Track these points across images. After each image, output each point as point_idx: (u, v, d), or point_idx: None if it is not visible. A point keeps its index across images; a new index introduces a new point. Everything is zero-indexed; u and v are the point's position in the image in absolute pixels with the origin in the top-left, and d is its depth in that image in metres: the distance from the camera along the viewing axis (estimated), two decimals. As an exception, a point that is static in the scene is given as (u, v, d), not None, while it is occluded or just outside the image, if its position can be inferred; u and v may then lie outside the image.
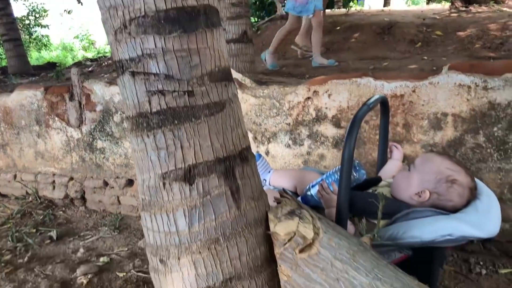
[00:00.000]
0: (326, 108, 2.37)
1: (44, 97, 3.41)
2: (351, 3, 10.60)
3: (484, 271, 2.01)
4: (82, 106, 3.29)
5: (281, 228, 1.33)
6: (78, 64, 8.94)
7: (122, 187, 3.25)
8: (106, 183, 3.34)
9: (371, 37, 5.48)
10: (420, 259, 1.62)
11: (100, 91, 3.16)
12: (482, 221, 1.50)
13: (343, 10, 8.44)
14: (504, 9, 6.68)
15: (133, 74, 1.23)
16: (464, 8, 6.76)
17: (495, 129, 2.03)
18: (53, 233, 2.97)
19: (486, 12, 6.34)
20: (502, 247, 2.12)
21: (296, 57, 5.75)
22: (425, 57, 4.58)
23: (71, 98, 3.31)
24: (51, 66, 9.59)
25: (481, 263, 2.08)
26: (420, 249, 1.57)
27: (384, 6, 12.21)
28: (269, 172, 2.12)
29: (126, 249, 2.68)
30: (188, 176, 1.26)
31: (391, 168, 1.98)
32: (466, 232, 1.46)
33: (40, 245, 2.83)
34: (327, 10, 7.93)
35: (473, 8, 6.73)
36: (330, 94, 2.34)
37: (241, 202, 1.31)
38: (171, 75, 1.21)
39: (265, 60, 5.14)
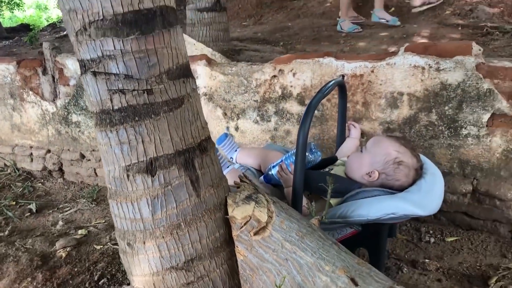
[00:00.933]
0: (291, 86, 2.46)
1: (17, 71, 3.42)
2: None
3: (432, 240, 2.20)
4: (55, 80, 3.32)
5: (238, 213, 1.45)
6: (52, 25, 8.74)
7: (98, 160, 3.34)
8: (82, 156, 3.42)
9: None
10: (370, 233, 1.78)
11: (73, 66, 3.18)
12: (423, 200, 1.64)
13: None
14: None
15: (94, 73, 1.31)
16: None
17: (446, 108, 2.16)
18: (33, 206, 3.07)
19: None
20: (450, 216, 2.30)
21: (273, 22, 5.75)
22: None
23: (44, 72, 3.34)
24: (24, 28, 9.35)
25: (431, 231, 2.26)
26: (369, 224, 1.72)
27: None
28: (236, 150, 2.24)
29: (103, 221, 2.81)
30: (150, 168, 1.36)
31: (349, 146, 2.11)
32: (408, 210, 1.61)
33: (20, 218, 2.93)
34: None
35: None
36: (295, 73, 2.43)
37: (200, 190, 1.43)
38: (131, 75, 1.29)
39: (341, 29, 4.71)
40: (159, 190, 1.37)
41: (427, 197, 1.66)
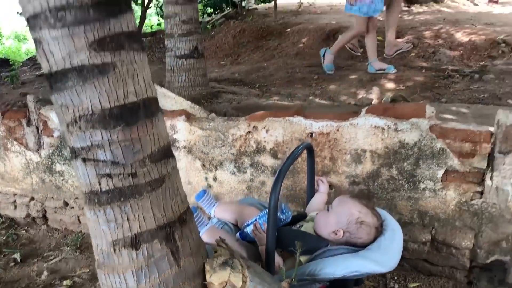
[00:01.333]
0: (265, 141, 2.66)
1: (1, 122, 3.53)
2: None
3: (397, 286, 2.38)
4: (39, 131, 3.44)
5: (215, 278, 1.61)
6: (33, 60, 8.83)
7: (82, 207, 3.45)
8: (66, 204, 3.53)
9: (317, 42, 5.75)
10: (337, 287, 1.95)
11: (57, 118, 3.31)
12: (383, 258, 1.83)
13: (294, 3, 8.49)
14: (443, 9, 7.12)
15: (84, 160, 1.47)
16: (406, 8, 7.14)
17: (405, 164, 2.37)
18: (17, 255, 3.14)
19: (425, 14, 6.74)
20: (413, 263, 2.49)
21: (250, 62, 5.98)
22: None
23: (29, 124, 3.46)
24: (4, 63, 9.39)
25: (395, 277, 2.45)
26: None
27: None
28: (214, 205, 2.40)
29: (88, 270, 2.91)
30: (135, 242, 1.51)
31: (318, 201, 2.30)
32: (370, 268, 1.79)
33: (4, 268, 3.00)
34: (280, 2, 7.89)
35: (415, 9, 7.14)
36: (268, 130, 2.62)
37: (180, 260, 1.58)
38: (117, 161, 1.45)
39: (323, 57, 4.85)
40: (143, 262, 1.52)
41: (386, 255, 1.85)
